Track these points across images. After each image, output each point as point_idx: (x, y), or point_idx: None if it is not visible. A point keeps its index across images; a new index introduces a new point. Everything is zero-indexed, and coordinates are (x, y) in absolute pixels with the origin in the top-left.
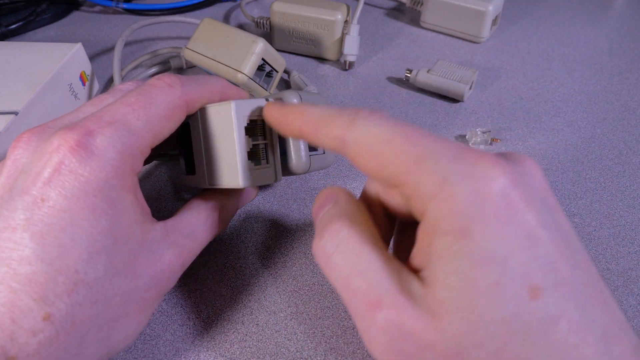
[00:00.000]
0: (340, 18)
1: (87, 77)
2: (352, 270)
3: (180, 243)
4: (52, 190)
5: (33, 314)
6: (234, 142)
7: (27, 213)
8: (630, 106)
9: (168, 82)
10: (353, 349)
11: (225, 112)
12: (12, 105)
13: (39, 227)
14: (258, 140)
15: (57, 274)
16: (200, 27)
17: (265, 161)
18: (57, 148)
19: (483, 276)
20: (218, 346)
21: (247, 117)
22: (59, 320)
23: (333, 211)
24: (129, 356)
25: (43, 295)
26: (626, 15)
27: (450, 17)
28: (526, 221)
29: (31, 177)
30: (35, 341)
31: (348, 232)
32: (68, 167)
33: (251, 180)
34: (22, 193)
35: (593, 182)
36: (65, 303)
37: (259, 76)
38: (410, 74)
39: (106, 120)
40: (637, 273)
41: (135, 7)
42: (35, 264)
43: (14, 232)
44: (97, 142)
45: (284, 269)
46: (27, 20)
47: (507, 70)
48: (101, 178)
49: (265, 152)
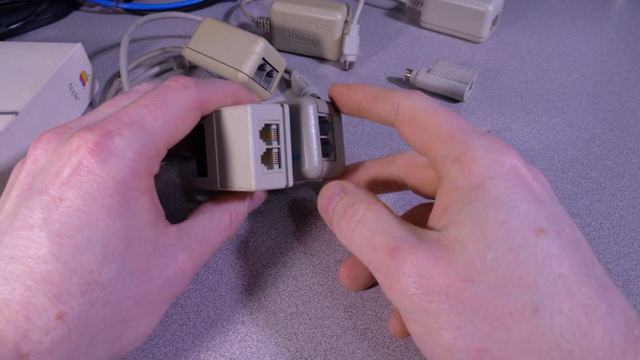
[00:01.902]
0: (340, 18)
1: (87, 77)
2: (372, 233)
3: (192, 247)
4: (70, 190)
5: (47, 313)
6: (248, 145)
7: (45, 212)
8: (630, 106)
9: (183, 84)
10: (353, 349)
11: (241, 115)
12: (12, 105)
13: (55, 227)
14: (271, 145)
15: (72, 274)
16: (201, 26)
17: (278, 165)
18: (77, 149)
19: (493, 215)
20: (218, 346)
21: (262, 121)
22: (72, 319)
23: (347, 199)
24: (129, 356)
25: (57, 294)
26: (626, 15)
27: (450, 17)
28: (534, 188)
29: (50, 176)
30: (48, 339)
31: (366, 208)
32: (86, 168)
33: (263, 184)
34: (40, 192)
35: (593, 182)
36: (79, 302)
37: (259, 76)
38: (410, 74)
39: (124, 121)
40: (637, 273)
41: (135, 7)
42: (50, 263)
43: (31, 230)
44: (115, 143)
45: (284, 269)
46: (27, 20)
47: (507, 70)
48: (118, 179)
49: (278, 156)
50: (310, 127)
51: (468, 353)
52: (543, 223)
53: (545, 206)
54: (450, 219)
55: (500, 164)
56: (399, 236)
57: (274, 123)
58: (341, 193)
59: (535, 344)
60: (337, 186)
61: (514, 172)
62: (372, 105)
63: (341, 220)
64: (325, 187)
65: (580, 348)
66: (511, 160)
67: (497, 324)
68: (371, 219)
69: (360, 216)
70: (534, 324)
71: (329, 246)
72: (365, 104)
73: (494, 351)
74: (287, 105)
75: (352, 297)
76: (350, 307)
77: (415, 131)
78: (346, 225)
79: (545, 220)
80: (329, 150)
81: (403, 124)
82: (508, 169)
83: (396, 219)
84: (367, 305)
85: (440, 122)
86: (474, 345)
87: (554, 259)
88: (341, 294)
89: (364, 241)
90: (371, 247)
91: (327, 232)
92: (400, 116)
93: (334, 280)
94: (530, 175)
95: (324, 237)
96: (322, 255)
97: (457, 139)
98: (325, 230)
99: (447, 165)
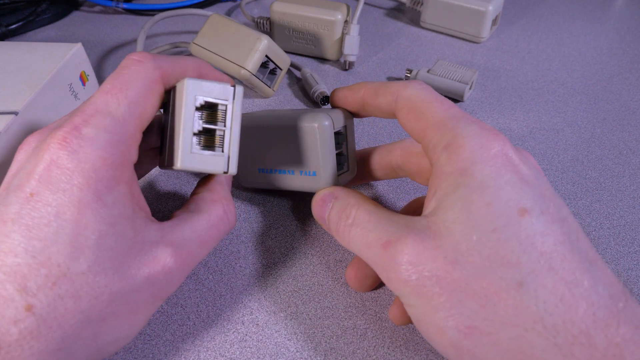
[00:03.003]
0: (340, 18)
1: (87, 77)
2: (366, 231)
3: (179, 245)
4: (41, 185)
5: (15, 304)
6: (181, 119)
7: (18, 207)
8: (630, 106)
9: (137, 59)
10: (353, 349)
11: (180, 87)
12: (12, 105)
13: (25, 220)
14: (215, 126)
15: (40, 267)
16: (208, 22)
17: (221, 149)
18: (48, 146)
19: (478, 199)
20: (218, 346)
21: (203, 98)
22: (40, 311)
23: (339, 205)
24: (129, 356)
25: (26, 286)
26: (626, 15)
27: (450, 17)
28: (520, 170)
29: (25, 174)
30: (17, 331)
31: (357, 210)
32: (56, 163)
33: (192, 163)
34: (16, 189)
35: (593, 182)
36: (47, 295)
37: (262, 73)
38: (410, 74)
39: (89, 112)
40: (637, 273)
41: (135, 7)
42: (20, 256)
43: (4, 225)
44: (82, 135)
45: (284, 269)
46: (27, 20)
47: (507, 70)
48: (87, 169)
49: (222, 139)
50: (326, 145)
51: (459, 331)
52: (527, 203)
53: (531, 186)
54: (439, 204)
55: (486, 148)
56: (389, 230)
57: (221, 103)
58: (332, 199)
59: (520, 319)
60: (327, 194)
61: (501, 155)
62: (374, 99)
63: (337, 226)
64: (316, 196)
65: (564, 321)
66: (498, 145)
67: (484, 302)
68: (363, 219)
69: (353, 218)
70: (519, 300)
71: (329, 246)
72: (367, 99)
73: (482, 328)
74: (242, 88)
75: (352, 297)
76: (350, 307)
77: (412, 119)
78: (342, 229)
79: (529, 200)
80: (343, 161)
81: (402, 112)
82: (494, 153)
83: (385, 214)
84: (367, 305)
85: (435, 110)
86: (464, 323)
87: (537, 237)
88: (341, 294)
89: (360, 240)
90: (367, 244)
91: (327, 232)
92: (399, 105)
93: (334, 280)
94: (517, 157)
95: (324, 237)
96: (322, 255)
97: (449, 127)
98: (325, 231)
99: (438, 152)
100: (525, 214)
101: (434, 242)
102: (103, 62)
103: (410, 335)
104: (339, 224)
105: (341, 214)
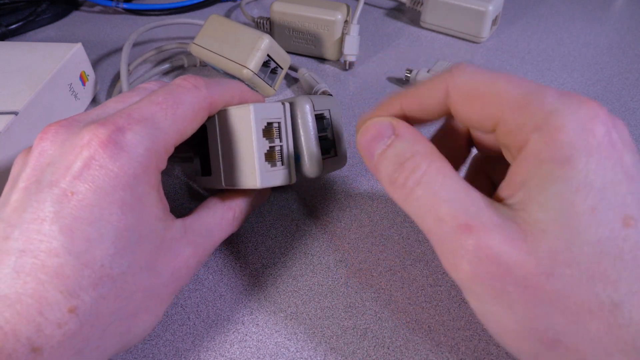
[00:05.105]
0: (340, 18)
1: (87, 77)
2: (437, 199)
3: (196, 241)
4: (82, 184)
5: (59, 306)
6: (252, 143)
7: (56, 206)
8: (630, 106)
9: (194, 84)
10: (353, 349)
11: (244, 114)
12: (12, 105)
13: (67, 221)
14: (274, 143)
15: (84, 267)
16: (207, 23)
17: (281, 163)
18: (88, 142)
19: (582, 201)
20: (218, 346)
21: (265, 120)
22: (84, 313)
23: (400, 147)
24: (129, 356)
25: (70, 287)
26: (626, 15)
27: (450, 17)
28: (625, 160)
29: (60, 170)
30: (60, 333)
31: (427, 165)
32: (98, 162)
33: (268, 181)
34: (51, 185)
35: None
36: (91, 296)
37: (263, 72)
38: (410, 74)
39: (135, 117)
40: None
41: (135, 7)
42: (62, 257)
43: (42, 224)
44: (127, 138)
45: (284, 269)
46: (27, 20)
47: (507, 70)
48: (130, 174)
49: (280, 154)
50: (308, 127)
51: (542, 343)
52: (632, 210)
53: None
54: (530, 197)
55: (591, 133)
56: (470, 210)
57: (275, 121)
58: (392, 135)
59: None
60: (386, 125)
61: (607, 142)
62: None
63: (395, 175)
64: (369, 122)
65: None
66: (603, 126)
67: (575, 318)
68: (435, 181)
69: (422, 174)
70: (612, 320)
71: (329, 246)
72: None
73: (569, 344)
74: (288, 103)
75: (352, 297)
76: (350, 307)
77: (476, 109)
78: (402, 183)
79: (634, 205)
80: (329, 146)
81: (458, 104)
82: (599, 141)
83: (464, 184)
84: (367, 305)
85: (505, 89)
86: (549, 336)
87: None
88: (341, 294)
89: (427, 207)
90: (436, 216)
91: (327, 232)
92: (454, 98)
93: (334, 280)
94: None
95: (324, 237)
96: (322, 255)
97: (535, 104)
98: (325, 230)
99: (526, 134)
100: (630, 224)
101: (526, 245)
102: (103, 62)
103: (410, 336)
104: (399, 173)
105: (405, 162)
